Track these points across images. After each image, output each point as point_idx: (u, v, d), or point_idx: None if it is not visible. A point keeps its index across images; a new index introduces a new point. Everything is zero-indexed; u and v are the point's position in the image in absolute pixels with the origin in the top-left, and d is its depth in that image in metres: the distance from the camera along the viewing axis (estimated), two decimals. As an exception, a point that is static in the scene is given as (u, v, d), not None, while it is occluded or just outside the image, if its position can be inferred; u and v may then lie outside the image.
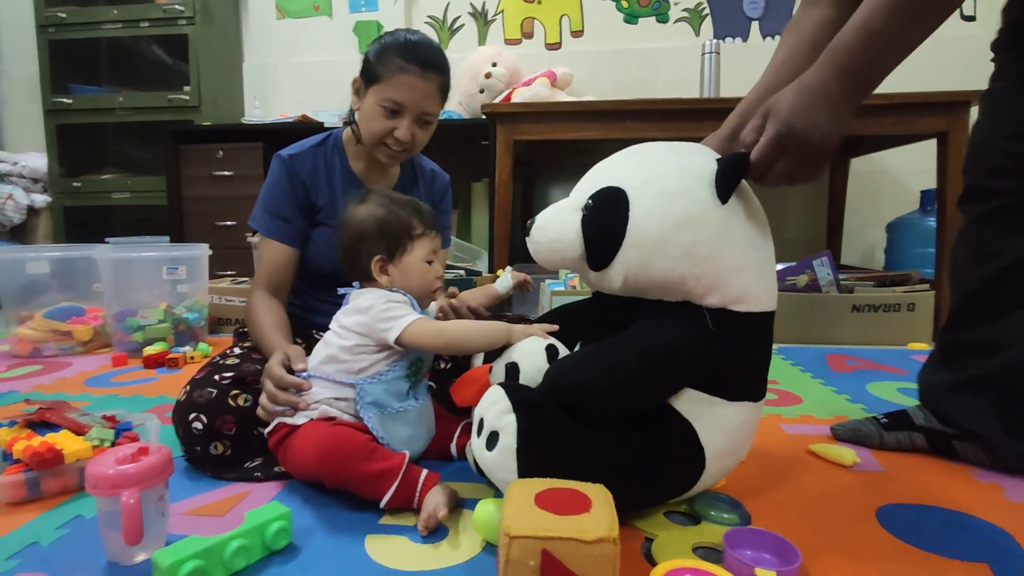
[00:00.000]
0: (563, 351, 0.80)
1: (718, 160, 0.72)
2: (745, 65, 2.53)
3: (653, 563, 0.66)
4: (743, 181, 0.73)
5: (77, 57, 2.73)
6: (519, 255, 2.65)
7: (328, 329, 0.89)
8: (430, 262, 0.90)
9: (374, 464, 0.76)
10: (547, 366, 0.76)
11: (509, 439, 0.68)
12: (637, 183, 0.72)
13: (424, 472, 0.78)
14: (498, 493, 0.83)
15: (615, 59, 2.67)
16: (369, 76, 1.03)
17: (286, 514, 0.70)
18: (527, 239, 0.79)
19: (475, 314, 1.03)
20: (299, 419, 0.82)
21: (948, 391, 0.95)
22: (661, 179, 0.72)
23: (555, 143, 2.39)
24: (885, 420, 1.02)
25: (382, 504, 0.75)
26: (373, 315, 0.82)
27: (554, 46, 2.72)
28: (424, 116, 1.04)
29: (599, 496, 0.60)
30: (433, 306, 0.99)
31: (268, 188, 1.09)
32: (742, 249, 0.71)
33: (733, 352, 0.72)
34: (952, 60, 2.13)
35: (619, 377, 0.69)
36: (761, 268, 0.73)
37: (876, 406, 1.22)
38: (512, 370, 0.79)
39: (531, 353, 0.79)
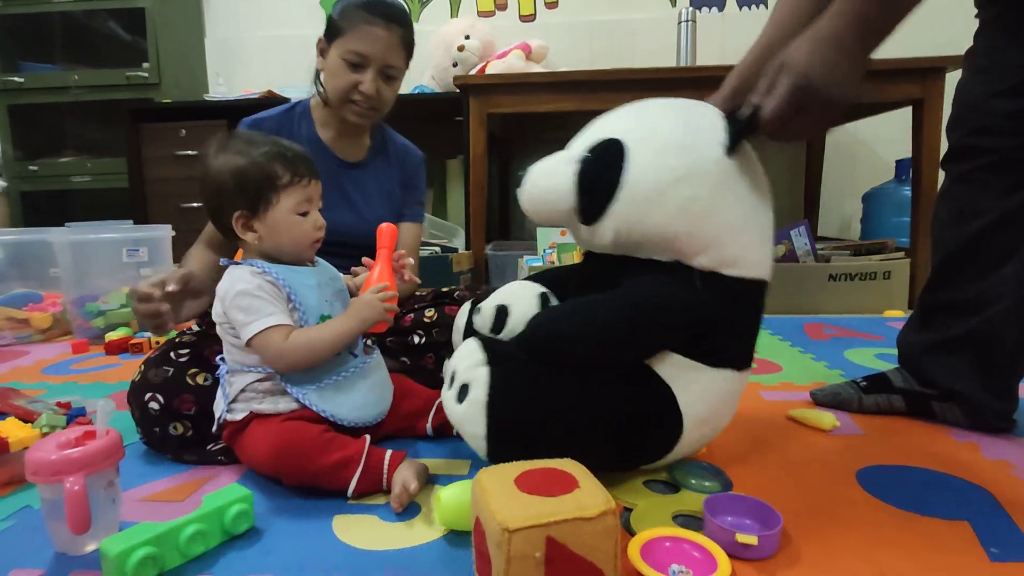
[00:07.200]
0: (555, 302, 0.77)
1: (728, 115, 0.70)
2: (721, 34, 2.51)
3: (632, 534, 0.64)
4: (747, 145, 0.71)
5: (27, 33, 2.59)
6: (495, 232, 2.62)
7: None
8: (305, 213, 0.78)
9: (333, 454, 0.72)
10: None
11: (480, 392, 0.65)
12: (637, 136, 0.69)
13: (388, 452, 0.74)
14: (473, 469, 0.80)
15: (590, 30, 2.61)
16: (332, 32, 1.02)
17: (247, 496, 0.66)
18: (519, 190, 0.75)
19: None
20: (237, 414, 0.77)
21: (928, 351, 0.95)
22: (662, 132, 0.70)
23: (532, 118, 2.34)
24: (864, 383, 1.01)
25: (349, 493, 0.72)
26: (229, 309, 0.75)
27: (528, 18, 2.65)
28: (388, 69, 1.03)
29: (578, 470, 0.56)
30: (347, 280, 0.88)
31: None
32: (740, 210, 0.69)
33: (718, 316, 0.70)
34: (926, 24, 2.11)
35: (599, 329, 0.67)
36: (757, 232, 0.71)
37: (854, 372, 1.22)
38: (501, 313, 0.76)
39: (523, 297, 0.76)
